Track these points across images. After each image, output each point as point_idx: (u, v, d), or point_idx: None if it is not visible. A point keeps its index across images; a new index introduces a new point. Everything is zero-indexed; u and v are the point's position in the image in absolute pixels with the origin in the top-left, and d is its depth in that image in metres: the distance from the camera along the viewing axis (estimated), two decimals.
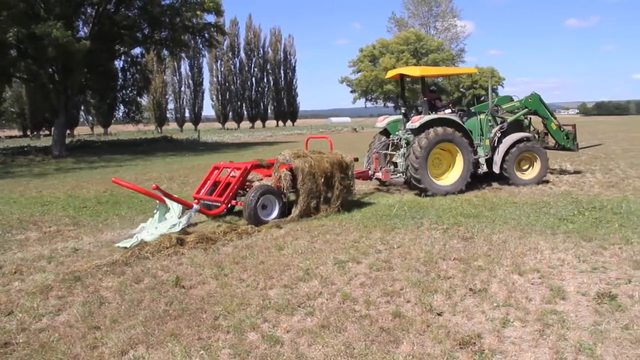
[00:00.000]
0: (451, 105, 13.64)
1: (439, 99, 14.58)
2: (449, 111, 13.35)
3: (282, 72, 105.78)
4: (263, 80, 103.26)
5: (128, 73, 41.33)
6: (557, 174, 15.16)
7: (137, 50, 40.31)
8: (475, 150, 12.69)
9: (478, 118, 13.25)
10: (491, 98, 13.75)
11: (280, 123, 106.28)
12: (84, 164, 25.16)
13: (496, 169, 13.02)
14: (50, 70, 33.15)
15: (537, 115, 14.31)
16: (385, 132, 13.81)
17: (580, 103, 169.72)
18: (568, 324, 4.76)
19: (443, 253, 7.15)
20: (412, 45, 72.41)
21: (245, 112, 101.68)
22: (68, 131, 52.21)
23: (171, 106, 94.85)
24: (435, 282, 5.96)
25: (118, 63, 40.26)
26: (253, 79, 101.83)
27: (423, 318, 4.95)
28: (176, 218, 9.20)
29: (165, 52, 41.47)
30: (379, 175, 12.76)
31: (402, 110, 13.89)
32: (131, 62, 40.85)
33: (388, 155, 13.36)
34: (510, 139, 13.07)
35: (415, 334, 4.65)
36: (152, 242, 7.93)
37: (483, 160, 12.95)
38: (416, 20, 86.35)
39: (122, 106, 43.96)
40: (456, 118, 12.63)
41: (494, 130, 13.26)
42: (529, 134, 13.72)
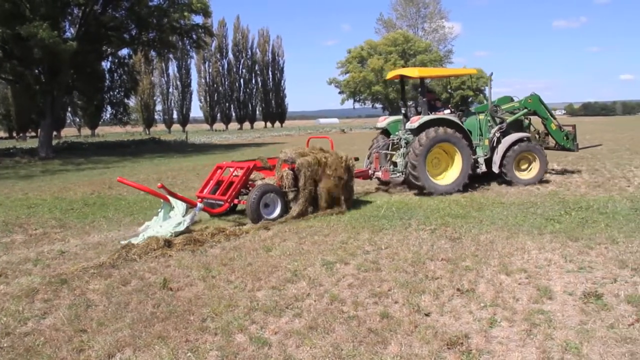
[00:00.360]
0: (450, 105, 13.72)
1: (439, 100, 14.72)
2: (448, 111, 13.50)
3: (271, 73, 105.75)
4: (251, 81, 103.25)
5: (115, 74, 41.09)
6: (556, 174, 15.29)
7: (125, 51, 40.19)
8: (474, 150, 12.83)
9: (477, 118, 13.40)
10: (490, 98, 13.84)
11: (268, 124, 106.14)
12: (71, 166, 24.99)
13: (495, 169, 13.16)
14: (36, 71, 32.92)
15: (537, 115, 14.43)
16: (385, 132, 13.94)
17: (567, 104, 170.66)
18: (555, 324, 4.79)
19: (431, 254, 7.17)
20: (400, 46, 72.56)
21: (233, 114, 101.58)
22: (55, 133, 51.90)
23: (159, 107, 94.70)
24: (423, 283, 5.98)
25: (105, 64, 40.07)
26: (241, 80, 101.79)
27: (411, 319, 4.96)
28: (180, 216, 9.27)
29: (152, 53, 41.37)
30: (379, 174, 12.88)
31: (402, 110, 14.03)
32: (118, 63, 40.63)
33: (388, 154, 13.47)
34: (509, 139, 13.21)
35: (403, 335, 4.65)
36: (139, 245, 7.89)
37: (482, 160, 13.09)
38: (404, 21, 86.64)
39: (110, 107, 43.64)
40: (455, 118, 12.76)
41: (493, 130, 13.41)
42: (528, 134, 13.85)
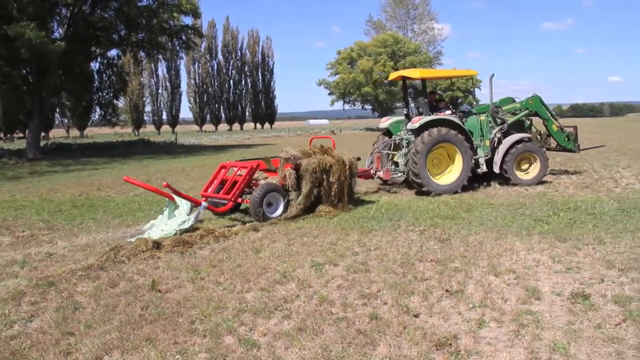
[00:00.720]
0: (452, 106, 13.85)
1: (442, 100, 14.88)
2: (449, 112, 13.64)
3: (260, 75, 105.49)
4: (241, 82, 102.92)
5: (104, 75, 40.84)
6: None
7: (114, 52, 39.92)
8: (475, 150, 13.00)
9: (478, 119, 13.56)
10: (492, 100, 13.95)
11: (258, 125, 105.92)
12: (59, 167, 24.82)
13: (496, 169, 13.31)
14: (24, 71, 32.62)
15: (538, 116, 14.53)
16: (387, 133, 14.12)
17: (555, 105, 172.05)
18: (543, 324, 4.81)
19: (420, 255, 7.19)
20: (390, 47, 72.62)
21: (223, 115, 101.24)
22: (43, 134, 51.49)
23: (148, 108, 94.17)
24: (412, 284, 5.99)
25: (94, 65, 39.79)
26: (231, 81, 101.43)
27: (400, 320, 4.97)
28: (185, 215, 9.40)
29: (142, 54, 41.12)
30: (381, 174, 13.05)
31: (404, 111, 14.27)
32: (107, 64, 40.38)
33: (390, 154, 13.60)
34: (510, 140, 13.35)
35: (392, 336, 4.66)
36: (128, 247, 7.84)
37: (483, 160, 13.25)
38: (394, 22, 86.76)
39: (99, 108, 43.31)
40: (456, 119, 12.92)
41: (494, 131, 13.55)
42: (529, 135, 13.98)
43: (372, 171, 13.22)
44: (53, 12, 32.35)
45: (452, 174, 12.69)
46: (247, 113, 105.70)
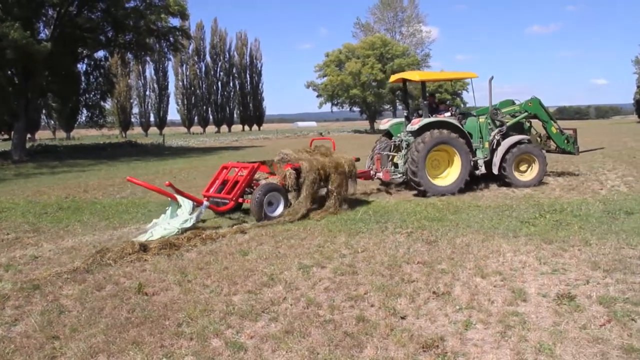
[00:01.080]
0: (451, 108, 13.95)
1: (443, 103, 14.97)
2: (449, 114, 13.76)
3: (248, 77, 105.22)
4: (229, 84, 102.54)
5: (91, 76, 40.62)
6: (555, 176, 15.52)
7: (101, 53, 39.73)
8: (474, 152, 13.15)
9: (478, 121, 13.67)
10: (491, 102, 14.05)
11: (246, 127, 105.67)
12: (45, 169, 24.63)
13: (495, 170, 13.46)
14: (9, 72, 32.35)
15: (537, 119, 14.63)
16: (388, 134, 14.24)
17: None
18: (529, 325, 4.84)
19: (407, 257, 7.20)
20: (378, 50, 72.72)
21: (211, 117, 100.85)
22: (29, 135, 51.10)
23: (136, 110, 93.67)
24: (399, 286, 6.00)
25: (81, 66, 39.59)
26: (219, 83, 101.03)
27: (387, 322, 4.98)
28: (187, 214, 9.55)
29: (129, 56, 41.00)
30: (380, 175, 13.19)
31: (404, 113, 14.49)
32: (94, 66, 40.16)
33: (390, 156, 13.70)
34: (508, 141, 13.50)
35: (379, 338, 4.66)
36: (115, 250, 7.78)
37: (482, 162, 13.40)
38: (382, 25, 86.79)
39: (85, 110, 43.09)
40: (455, 121, 13.03)
41: (493, 133, 13.69)
42: (528, 136, 14.12)
43: (372, 172, 13.37)
44: (39, 13, 32.08)
45: (451, 176, 12.86)
46: (235, 115, 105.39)
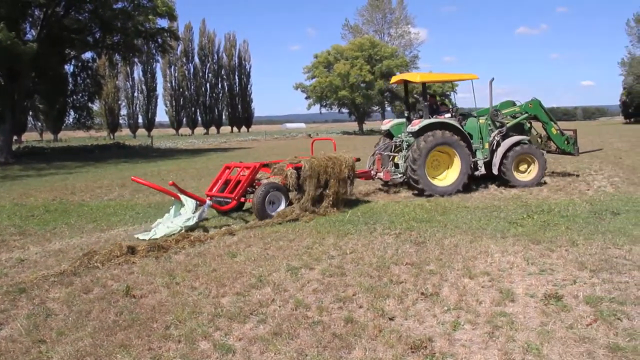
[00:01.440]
0: (452, 109, 14.02)
1: (444, 104, 15.04)
2: (449, 115, 13.86)
3: (237, 78, 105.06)
4: (217, 85, 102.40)
5: (79, 78, 40.42)
6: (554, 176, 15.61)
7: (88, 54, 39.54)
8: (473, 153, 13.29)
9: (478, 122, 13.77)
10: (491, 103, 14.16)
11: (235, 129, 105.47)
12: (32, 171, 24.45)
13: (495, 171, 13.59)
14: None
15: (537, 120, 14.74)
16: (389, 135, 14.34)
17: None
18: (516, 325, 4.86)
19: (395, 258, 7.22)
20: (367, 51, 72.85)
21: (199, 118, 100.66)
22: (15, 137, 50.69)
23: (124, 112, 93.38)
24: (387, 287, 6.01)
25: (68, 67, 39.38)
26: (207, 85, 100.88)
27: (375, 323, 4.98)
28: (190, 213, 9.77)
29: (117, 57, 40.77)
30: (381, 175, 13.31)
31: (405, 113, 14.65)
32: (82, 67, 39.97)
33: (391, 156, 13.81)
34: (508, 142, 13.63)
35: (367, 339, 4.67)
36: (102, 252, 7.73)
37: (481, 162, 13.52)
38: (370, 26, 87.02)
39: (73, 112, 42.83)
40: (455, 122, 13.13)
41: (493, 134, 13.82)
42: (527, 137, 14.24)
43: (373, 172, 13.47)
44: (25, 13, 31.84)
45: (451, 176, 12.98)
46: (224, 116, 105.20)
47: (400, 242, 8.09)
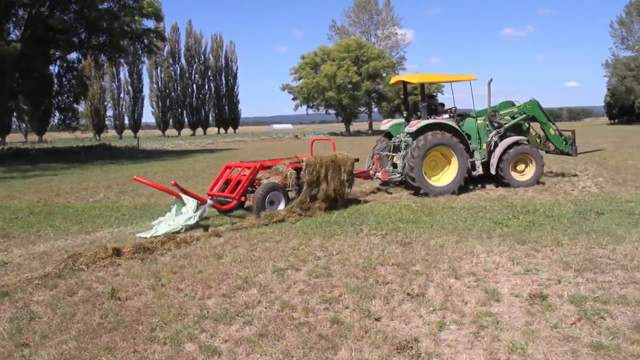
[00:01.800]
0: (450, 110, 14.08)
1: (442, 104, 15.11)
2: (447, 116, 13.97)
3: (224, 79, 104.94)
4: (204, 87, 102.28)
5: (64, 79, 40.17)
6: (553, 176, 15.71)
7: (74, 55, 39.30)
8: (471, 153, 13.37)
9: (476, 123, 13.86)
10: (490, 103, 14.22)
11: (221, 130, 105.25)
12: (17, 173, 24.22)
13: (492, 171, 13.65)
14: None
15: (536, 120, 14.81)
16: (388, 135, 14.41)
17: None
18: (502, 325, 4.89)
19: (382, 259, 7.23)
20: (354, 52, 73.10)
21: (186, 119, 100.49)
22: None
23: (110, 113, 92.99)
24: (373, 288, 6.02)
25: (53, 68, 39.15)
26: (194, 86, 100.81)
27: (361, 324, 4.99)
28: (191, 212, 9.97)
29: (103, 58, 40.60)
30: (379, 175, 13.38)
31: (404, 114, 14.80)
32: (67, 68, 39.73)
33: (389, 156, 13.85)
34: (506, 142, 13.70)
35: (353, 340, 4.67)
36: (87, 254, 7.67)
37: (479, 163, 13.59)
38: (357, 28, 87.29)
39: (58, 113, 42.55)
40: (452, 123, 13.21)
41: (491, 134, 13.89)
42: (525, 137, 14.33)
43: (372, 172, 13.56)
44: (9, 13, 31.55)
45: (448, 176, 13.04)
46: (211, 118, 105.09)
47: (386, 243, 8.11)
